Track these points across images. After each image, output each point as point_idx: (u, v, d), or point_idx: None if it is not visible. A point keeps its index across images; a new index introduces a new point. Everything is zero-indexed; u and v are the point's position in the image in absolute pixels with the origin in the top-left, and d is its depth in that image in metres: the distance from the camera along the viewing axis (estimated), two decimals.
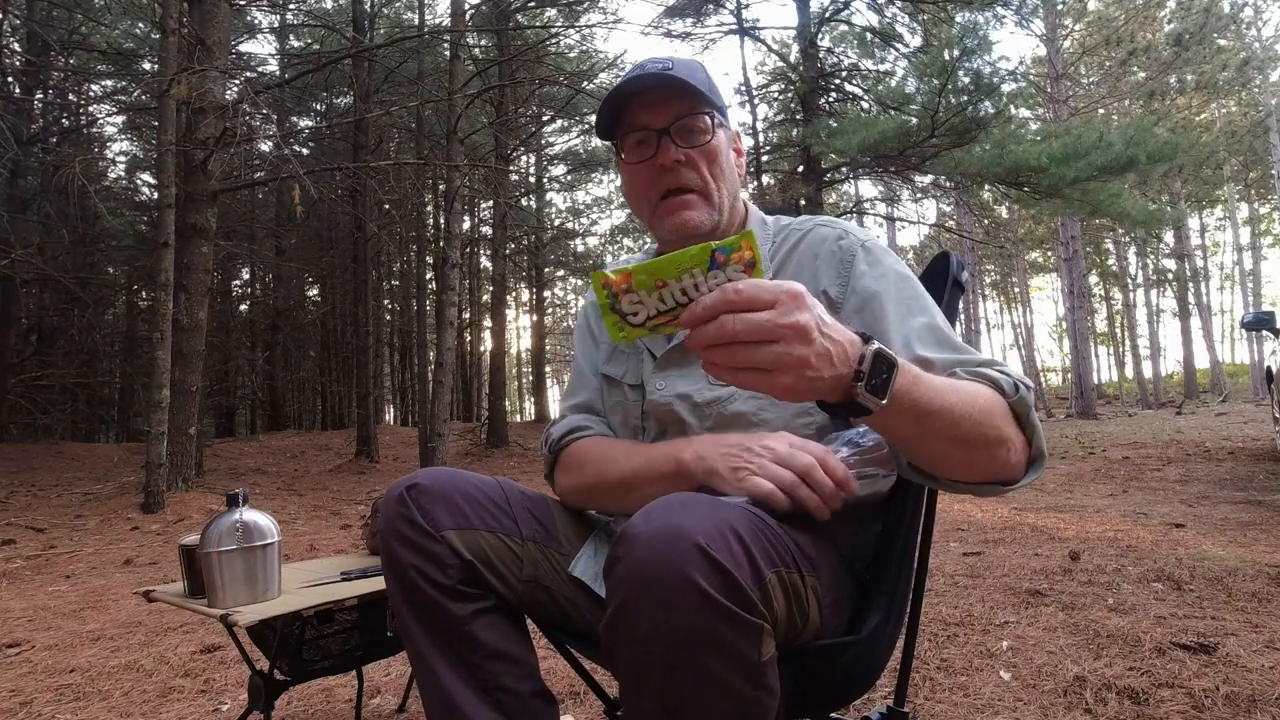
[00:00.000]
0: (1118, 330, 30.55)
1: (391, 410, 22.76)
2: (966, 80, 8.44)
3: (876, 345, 0.67)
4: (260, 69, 13.61)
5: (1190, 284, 25.30)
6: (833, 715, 0.93)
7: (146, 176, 15.99)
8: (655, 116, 0.97)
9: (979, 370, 0.83)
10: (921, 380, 0.72)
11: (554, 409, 23.56)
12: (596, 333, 1.17)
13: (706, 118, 0.98)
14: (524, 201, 17.84)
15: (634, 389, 1.07)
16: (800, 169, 10.71)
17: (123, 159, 16.92)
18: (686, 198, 0.99)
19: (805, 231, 1.03)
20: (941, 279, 1.05)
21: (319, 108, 15.37)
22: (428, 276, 14.97)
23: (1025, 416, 0.80)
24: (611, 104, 0.98)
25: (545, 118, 15.77)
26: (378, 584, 1.42)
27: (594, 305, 1.17)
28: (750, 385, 0.63)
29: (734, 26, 11.80)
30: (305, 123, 15.28)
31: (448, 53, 9.62)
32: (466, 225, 17.79)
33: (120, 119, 14.68)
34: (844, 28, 11.87)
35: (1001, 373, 0.82)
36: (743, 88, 12.67)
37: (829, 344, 0.63)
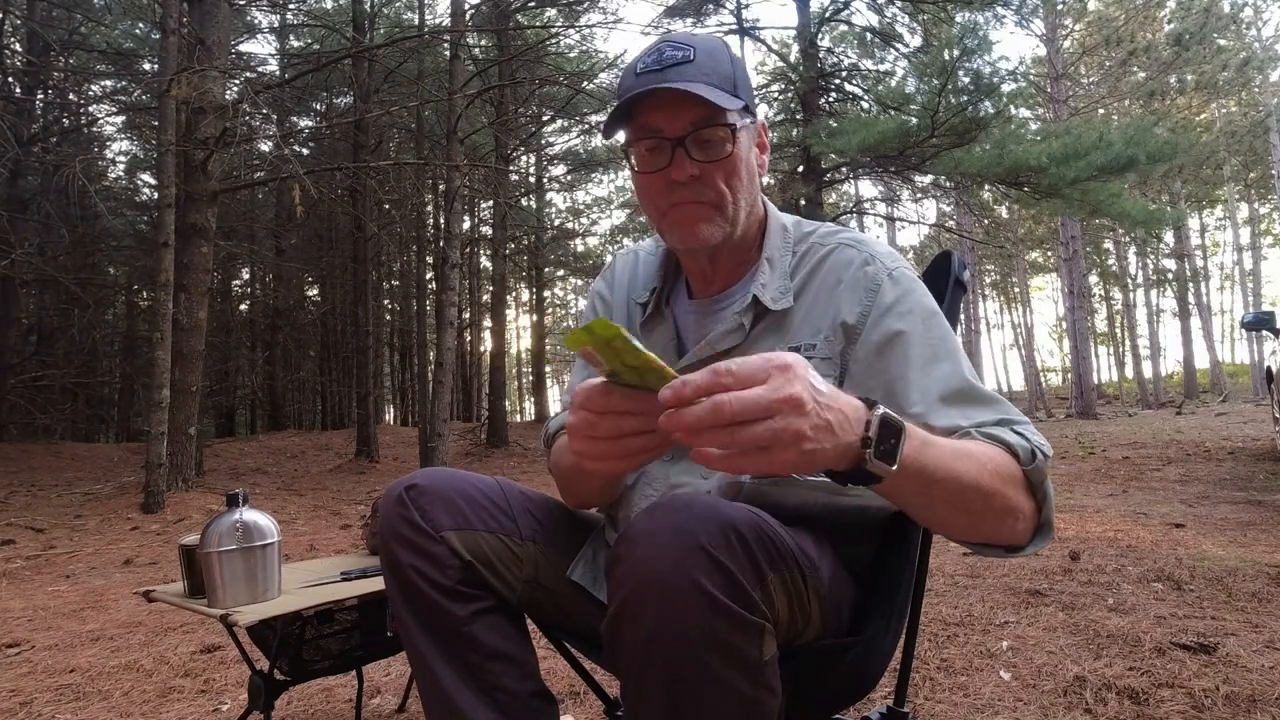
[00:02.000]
0: (1118, 330, 30.55)
1: (391, 410, 22.76)
2: (966, 80, 8.44)
3: (881, 410, 0.64)
4: (260, 69, 13.61)
5: (1190, 284, 25.31)
6: (833, 716, 0.93)
7: (146, 176, 16.01)
8: (670, 121, 0.86)
9: (996, 434, 0.78)
10: (930, 446, 0.69)
11: (554, 409, 23.53)
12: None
13: (727, 128, 0.87)
14: (524, 201, 17.84)
15: None
16: (800, 169, 10.71)
17: (123, 159, 16.96)
18: (698, 209, 0.90)
19: (829, 250, 0.95)
20: (944, 278, 1.05)
21: (319, 108, 15.36)
22: (428, 276, 14.97)
23: (1039, 485, 0.77)
24: (623, 105, 0.88)
25: (545, 118, 15.77)
26: (378, 584, 1.42)
27: (600, 297, 1.12)
28: (747, 468, 0.58)
29: (734, 26, 11.80)
30: (305, 123, 15.28)
31: (448, 53, 9.62)
32: (466, 225, 17.79)
33: (120, 119, 14.69)
34: (844, 28, 11.87)
35: (1019, 435, 0.78)
36: None
37: (827, 414, 0.60)
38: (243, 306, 19.70)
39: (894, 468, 0.64)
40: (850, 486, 0.69)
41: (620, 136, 0.92)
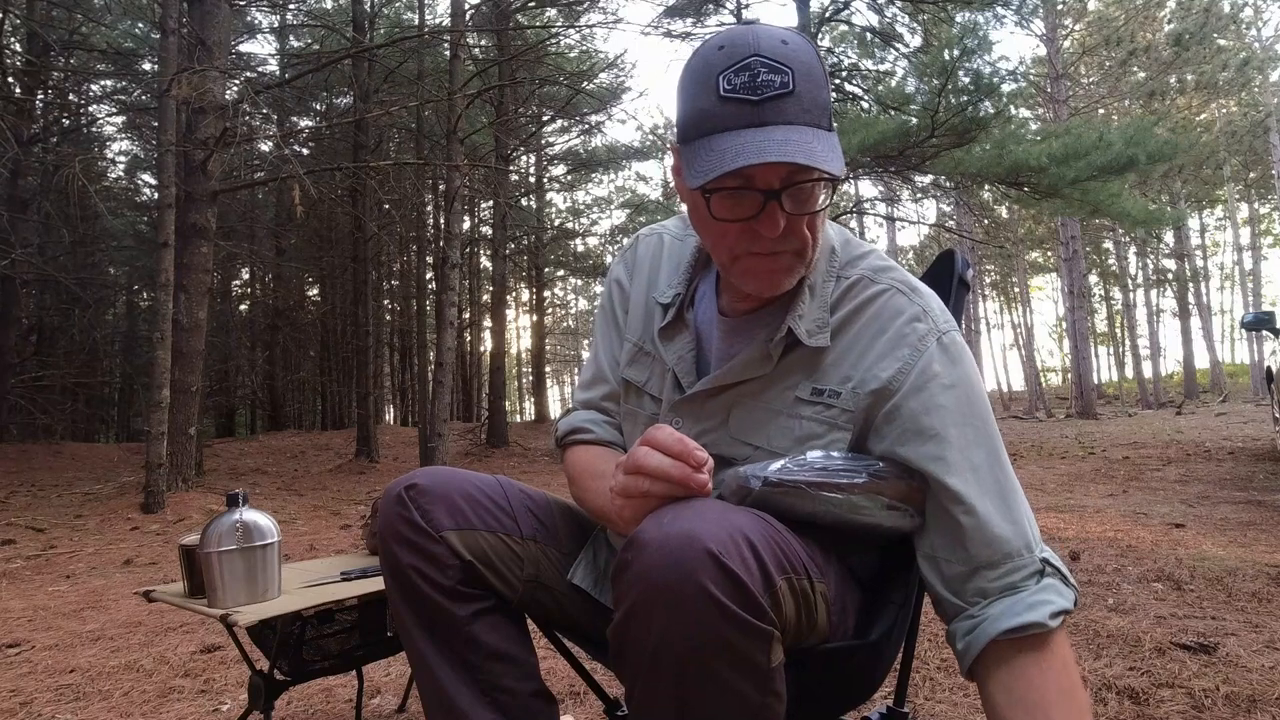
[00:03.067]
0: (1118, 330, 30.54)
1: (391, 410, 22.75)
2: (966, 80, 8.44)
3: None
4: (260, 69, 13.62)
5: (1190, 284, 25.30)
6: (836, 717, 0.93)
7: (146, 176, 16.00)
8: (766, 172, 0.75)
9: (1059, 609, 0.77)
10: None
11: (554, 409, 23.52)
12: (622, 323, 1.03)
13: (825, 179, 0.77)
14: (524, 201, 17.84)
15: (654, 400, 0.96)
16: None
17: (123, 159, 16.95)
18: (781, 260, 0.81)
19: (877, 292, 0.86)
20: (947, 278, 1.04)
21: (319, 108, 15.35)
22: (428, 276, 14.97)
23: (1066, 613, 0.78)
24: (711, 148, 0.75)
25: (545, 118, 15.77)
26: (378, 584, 1.42)
27: (619, 284, 1.05)
28: None
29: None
30: (305, 123, 15.27)
31: (448, 53, 9.62)
32: (466, 225, 17.78)
33: (120, 119, 14.69)
34: (844, 28, 11.86)
35: (1055, 586, 0.78)
36: None
37: None
38: (243, 306, 19.68)
39: None
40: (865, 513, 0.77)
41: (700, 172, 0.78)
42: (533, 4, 11.88)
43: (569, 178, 20.58)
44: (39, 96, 12.57)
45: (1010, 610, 0.76)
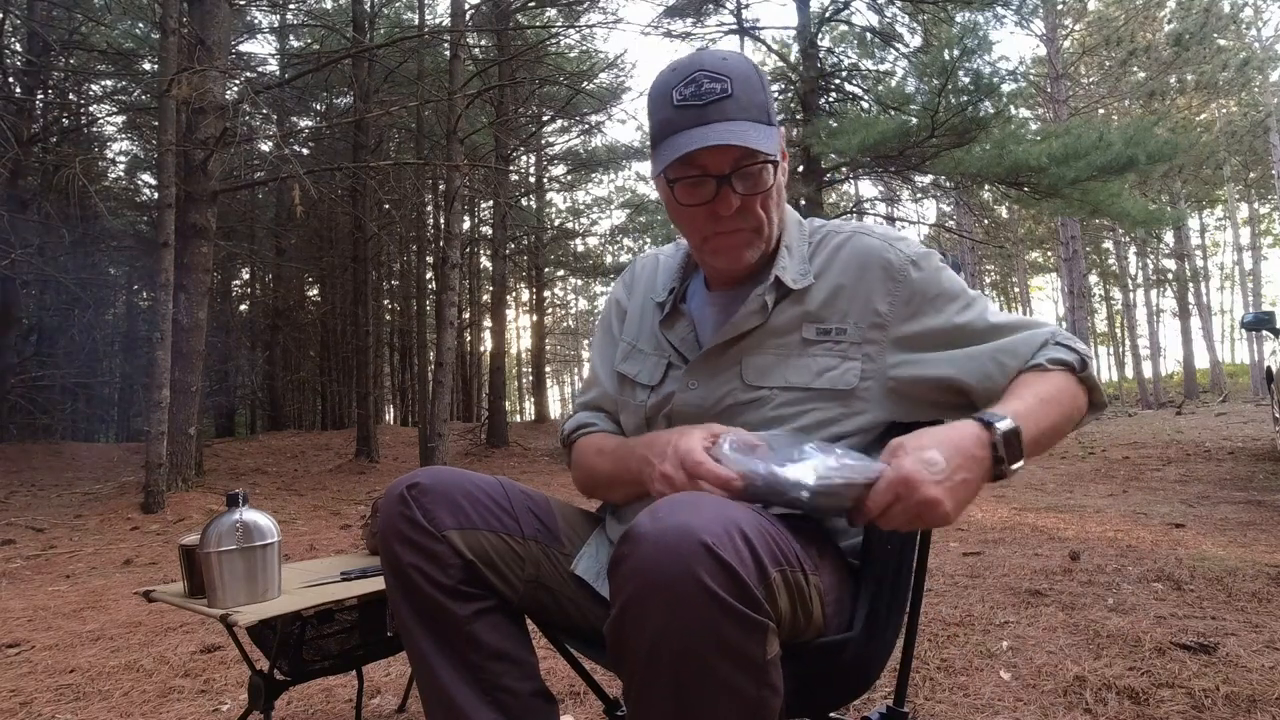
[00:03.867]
0: (1118, 330, 30.55)
1: (391, 410, 22.75)
2: (966, 80, 8.43)
3: (1001, 430, 0.78)
4: (260, 69, 13.61)
5: (1190, 284, 25.28)
6: (832, 715, 0.93)
7: (146, 176, 16.00)
8: (714, 160, 0.90)
9: (1058, 357, 0.90)
10: (1031, 416, 0.82)
11: (554, 409, 23.55)
12: (617, 333, 1.15)
13: (768, 164, 0.92)
14: (524, 201, 17.84)
15: (645, 389, 1.05)
16: (800, 169, 10.69)
17: (123, 159, 16.92)
18: (740, 236, 0.95)
19: (845, 237, 1.01)
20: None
21: (319, 108, 15.35)
22: (428, 276, 14.96)
23: (1090, 380, 0.92)
24: (668, 145, 0.91)
25: (545, 118, 15.77)
26: (378, 584, 1.42)
27: (617, 302, 1.18)
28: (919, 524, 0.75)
29: (734, 26, 11.79)
30: (305, 123, 15.27)
31: (448, 53, 9.62)
32: (466, 225, 17.78)
33: (120, 119, 14.67)
34: (844, 28, 11.85)
35: (1068, 348, 0.91)
36: None
37: (956, 463, 0.75)
38: (243, 306, 19.68)
39: (1023, 461, 0.79)
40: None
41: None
42: (533, 4, 11.88)
43: (569, 178, 20.57)
44: (39, 96, 12.56)
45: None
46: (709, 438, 0.85)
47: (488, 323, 17.72)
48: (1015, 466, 0.78)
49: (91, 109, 14.40)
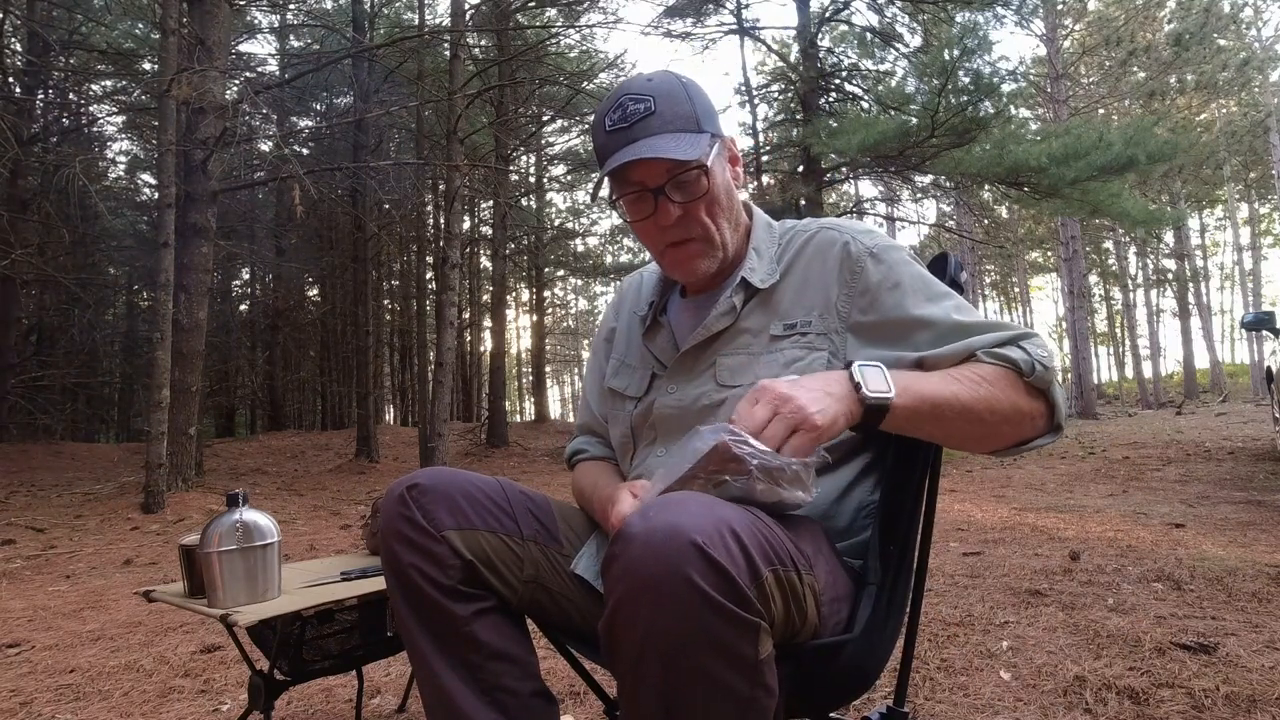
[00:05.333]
0: (1118, 330, 30.55)
1: (391, 410, 22.75)
2: (966, 80, 8.43)
3: (857, 362, 0.82)
4: (260, 69, 13.60)
5: (1190, 284, 25.28)
6: (832, 715, 0.93)
7: (146, 176, 16.00)
8: (647, 174, 0.95)
9: (1002, 353, 0.87)
10: (923, 377, 0.83)
11: (554, 409, 23.53)
12: (604, 353, 1.21)
13: (699, 169, 0.95)
14: (524, 201, 17.83)
15: (632, 400, 1.10)
16: (800, 169, 10.70)
17: (123, 159, 16.92)
18: (690, 247, 0.99)
19: (811, 234, 1.04)
20: (941, 280, 1.05)
21: (319, 108, 15.35)
22: (428, 276, 14.96)
23: (1046, 391, 0.87)
24: (605, 168, 0.96)
25: (545, 118, 15.75)
26: (378, 584, 1.42)
27: (607, 323, 1.23)
28: (802, 449, 0.76)
29: (734, 26, 11.79)
30: (305, 123, 15.26)
31: (448, 53, 9.61)
32: (466, 225, 17.77)
33: (120, 119, 14.66)
34: (844, 28, 11.85)
35: (1022, 350, 0.87)
36: (743, 88, 12.66)
37: (813, 383, 0.79)
38: (243, 306, 19.66)
39: (891, 393, 0.80)
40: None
41: (605, 189, 1.02)
42: (533, 4, 11.87)
43: (569, 178, 20.54)
44: (39, 96, 12.56)
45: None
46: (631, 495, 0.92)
47: (488, 323, 17.73)
48: (875, 395, 0.79)
49: (91, 109, 14.38)
